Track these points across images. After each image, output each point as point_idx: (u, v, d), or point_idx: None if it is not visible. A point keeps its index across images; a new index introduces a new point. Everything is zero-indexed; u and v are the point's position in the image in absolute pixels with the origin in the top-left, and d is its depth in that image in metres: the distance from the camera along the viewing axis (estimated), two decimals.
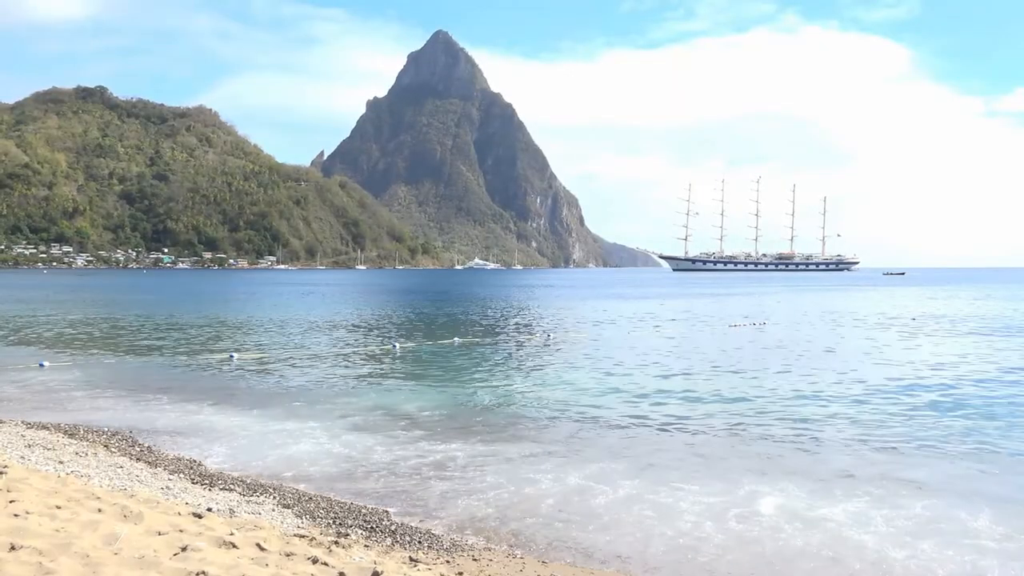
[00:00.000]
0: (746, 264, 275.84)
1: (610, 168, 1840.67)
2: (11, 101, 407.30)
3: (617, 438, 14.99)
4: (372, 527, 9.67)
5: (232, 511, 9.74)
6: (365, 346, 32.29)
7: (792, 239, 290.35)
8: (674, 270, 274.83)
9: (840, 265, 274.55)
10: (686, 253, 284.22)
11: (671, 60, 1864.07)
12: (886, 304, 67.13)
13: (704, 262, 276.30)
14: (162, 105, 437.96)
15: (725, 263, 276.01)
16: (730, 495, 11.21)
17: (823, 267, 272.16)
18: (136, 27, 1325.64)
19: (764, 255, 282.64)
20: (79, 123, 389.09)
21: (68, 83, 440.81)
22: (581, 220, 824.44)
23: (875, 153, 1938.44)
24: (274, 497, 10.78)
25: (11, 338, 35.34)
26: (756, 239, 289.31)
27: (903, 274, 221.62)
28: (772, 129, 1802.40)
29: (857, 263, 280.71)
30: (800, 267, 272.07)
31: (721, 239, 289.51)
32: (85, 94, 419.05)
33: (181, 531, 7.75)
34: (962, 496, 11.20)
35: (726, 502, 10.90)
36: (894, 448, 14.12)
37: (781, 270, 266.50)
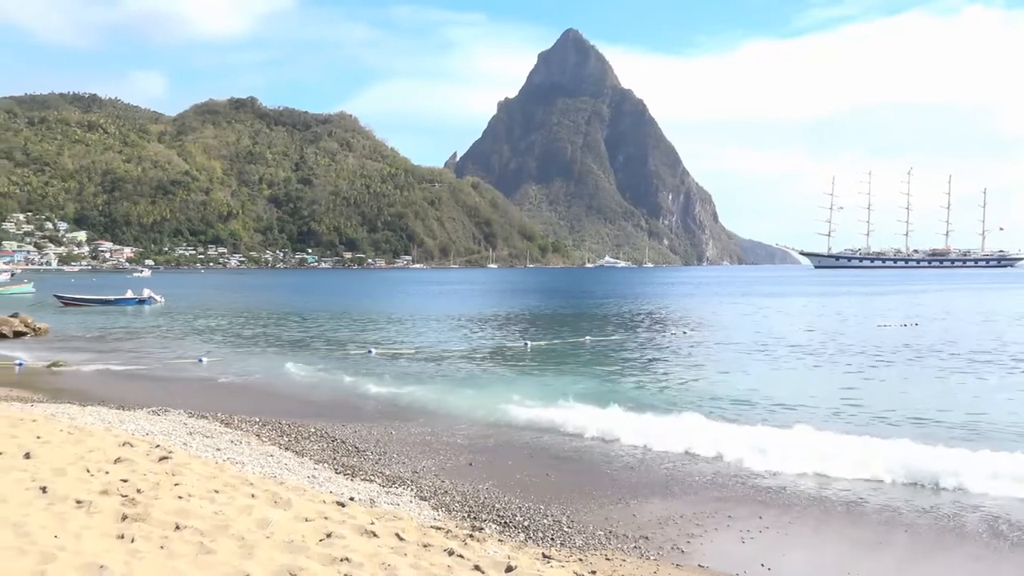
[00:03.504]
0: (895, 260, 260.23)
1: (747, 163, 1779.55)
2: (174, 113, 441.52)
3: (757, 440, 14.45)
4: (505, 522, 9.78)
5: (372, 501, 10.10)
6: (497, 343, 32.74)
7: (947, 233, 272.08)
8: (816, 267, 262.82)
9: (1003, 261, 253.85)
10: (829, 249, 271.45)
11: (815, 49, 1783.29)
12: None
13: (849, 259, 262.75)
14: (306, 112, 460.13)
15: (872, 259, 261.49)
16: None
17: (982, 263, 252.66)
18: (290, 39, 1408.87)
19: (916, 251, 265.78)
20: (232, 132, 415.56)
21: (223, 94, 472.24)
22: (715, 216, 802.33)
23: None
24: (411, 489, 11.09)
25: (175, 335, 38.19)
26: (907, 234, 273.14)
27: None
28: (925, 118, 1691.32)
29: (1022, 259, 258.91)
30: (956, 263, 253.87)
31: (868, 234, 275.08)
32: (238, 105, 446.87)
33: (326, 518, 8.10)
34: None
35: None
36: None
37: (935, 267, 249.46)
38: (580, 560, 8.46)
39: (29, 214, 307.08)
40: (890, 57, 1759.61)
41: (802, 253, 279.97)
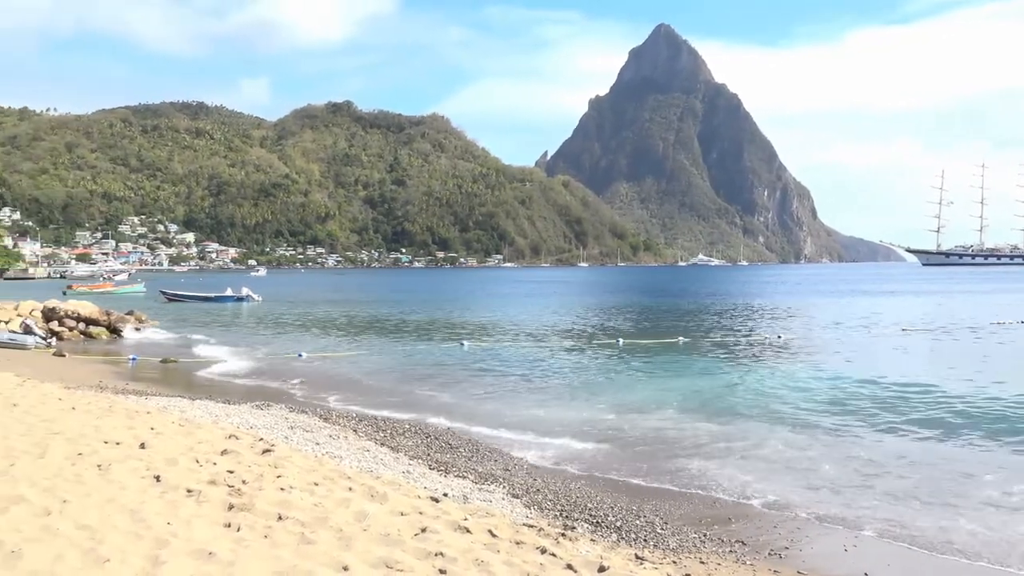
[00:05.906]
0: (1012, 257, 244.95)
1: (851, 156, 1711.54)
2: (275, 119, 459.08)
3: (857, 449, 13.89)
4: (597, 522, 9.71)
5: (465, 497, 10.20)
6: (589, 340, 32.58)
7: None
8: (924, 264, 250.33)
9: None
10: (938, 246, 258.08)
11: (925, 35, 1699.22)
12: None
13: (960, 256, 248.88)
14: (400, 115, 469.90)
15: (986, 256, 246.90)
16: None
17: None
18: (386, 43, 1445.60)
19: None
20: (329, 136, 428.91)
21: (323, 99, 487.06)
22: (814, 213, 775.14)
23: None
24: (504, 487, 11.15)
25: (275, 332, 39.62)
26: None
27: None
28: None
29: None
30: None
31: (981, 230, 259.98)
32: (334, 109, 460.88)
33: (421, 513, 8.25)
34: None
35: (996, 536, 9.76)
36: None
37: None
38: (674, 563, 8.33)
39: (143, 217, 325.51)
40: (1006, 42, 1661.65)
41: (908, 250, 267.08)
